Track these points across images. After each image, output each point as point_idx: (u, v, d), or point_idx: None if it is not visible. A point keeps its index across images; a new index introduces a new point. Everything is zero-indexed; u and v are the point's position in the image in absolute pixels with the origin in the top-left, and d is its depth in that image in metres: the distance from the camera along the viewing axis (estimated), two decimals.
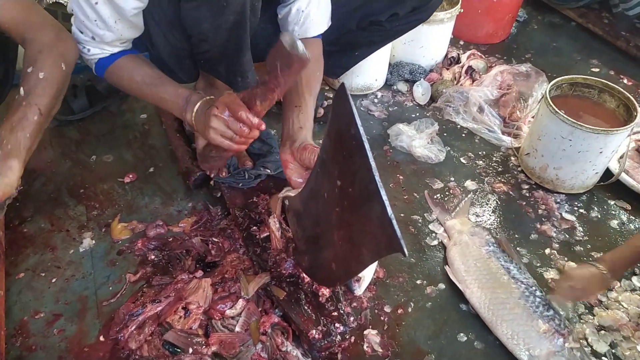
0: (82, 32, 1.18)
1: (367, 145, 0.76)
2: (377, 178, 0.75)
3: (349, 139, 0.80)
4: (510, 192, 1.62)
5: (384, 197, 0.75)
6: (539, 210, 1.56)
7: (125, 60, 1.24)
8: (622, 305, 1.29)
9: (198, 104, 1.19)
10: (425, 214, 1.52)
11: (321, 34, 1.38)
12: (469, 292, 1.26)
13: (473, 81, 1.99)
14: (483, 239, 1.36)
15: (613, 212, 1.56)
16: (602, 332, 1.23)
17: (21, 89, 1.16)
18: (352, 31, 1.56)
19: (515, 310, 1.20)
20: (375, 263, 1.30)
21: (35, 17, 1.22)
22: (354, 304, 1.26)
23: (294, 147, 1.24)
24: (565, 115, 1.45)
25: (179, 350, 1.12)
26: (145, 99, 1.28)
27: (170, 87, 1.24)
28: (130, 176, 1.57)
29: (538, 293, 1.22)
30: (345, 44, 1.60)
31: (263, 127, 1.11)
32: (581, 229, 1.50)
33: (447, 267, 1.34)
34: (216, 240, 1.36)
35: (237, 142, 1.13)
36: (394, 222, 0.75)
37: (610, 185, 1.59)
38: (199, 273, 1.27)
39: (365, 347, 1.19)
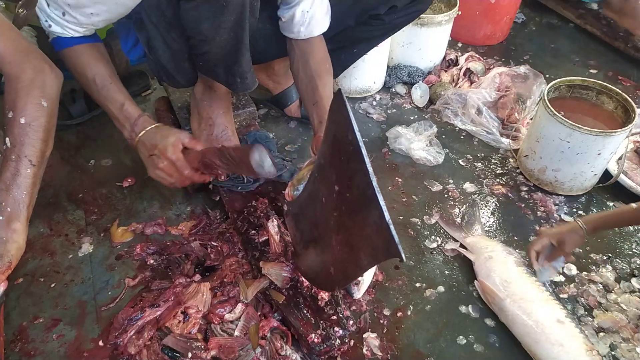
0: (49, 5, 1.11)
1: (364, 151, 0.76)
2: (375, 183, 0.75)
3: (347, 144, 0.80)
4: (509, 194, 1.62)
5: (382, 202, 0.75)
6: (538, 212, 1.56)
7: (83, 49, 1.18)
8: (622, 307, 1.29)
9: (144, 132, 1.21)
10: (424, 217, 1.52)
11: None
12: (508, 302, 1.22)
13: (471, 83, 1.99)
14: (519, 258, 1.33)
15: None
16: (602, 333, 1.23)
17: (6, 139, 1.11)
18: (351, 27, 1.56)
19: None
20: (375, 266, 1.30)
21: (15, 48, 1.14)
22: (353, 308, 1.26)
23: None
24: (563, 117, 1.45)
25: (178, 354, 1.12)
26: (92, 97, 1.24)
27: (118, 97, 1.21)
28: (129, 180, 1.57)
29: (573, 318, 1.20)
30: (344, 40, 1.60)
31: (206, 179, 1.28)
32: None
33: (477, 282, 1.31)
34: (215, 244, 1.36)
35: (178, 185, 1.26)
36: (392, 227, 0.75)
37: (609, 186, 1.59)
38: (197, 277, 1.27)
39: (364, 350, 1.19)
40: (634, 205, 1.17)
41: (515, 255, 1.34)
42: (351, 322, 1.21)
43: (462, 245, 1.43)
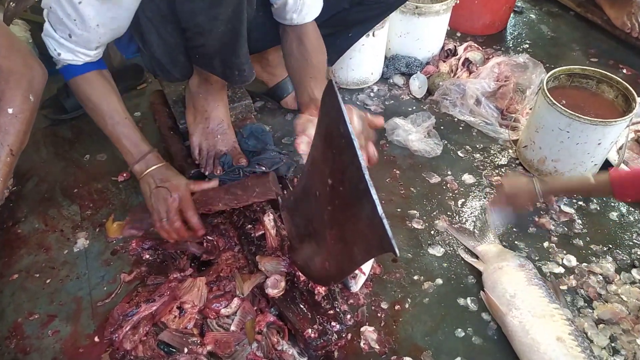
0: (56, 31, 1.11)
1: (356, 143, 0.75)
2: (367, 177, 0.74)
3: (338, 136, 0.78)
4: None
5: (374, 196, 0.74)
6: (537, 203, 1.53)
7: (97, 78, 1.21)
8: (622, 299, 1.28)
9: (153, 167, 1.25)
10: (422, 209, 1.51)
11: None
12: (510, 317, 1.17)
13: (470, 73, 1.96)
14: (531, 272, 1.26)
15: (612, 204, 1.55)
16: (602, 325, 1.22)
17: None
18: (345, 9, 1.53)
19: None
20: (370, 260, 1.29)
21: (8, 43, 1.17)
22: (351, 301, 1.26)
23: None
24: (562, 107, 1.43)
25: (174, 350, 1.11)
26: (99, 127, 1.26)
27: (135, 134, 1.25)
28: (124, 175, 1.56)
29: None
30: (338, 24, 1.57)
31: (201, 232, 1.27)
32: (580, 222, 1.48)
33: (483, 293, 1.26)
34: (211, 238, 1.35)
35: (167, 235, 1.25)
36: (385, 221, 0.73)
37: None
38: (189, 271, 1.27)
39: (362, 344, 1.18)
40: (591, 179, 1.23)
41: (528, 267, 1.27)
42: (348, 316, 1.20)
43: (472, 255, 1.38)
